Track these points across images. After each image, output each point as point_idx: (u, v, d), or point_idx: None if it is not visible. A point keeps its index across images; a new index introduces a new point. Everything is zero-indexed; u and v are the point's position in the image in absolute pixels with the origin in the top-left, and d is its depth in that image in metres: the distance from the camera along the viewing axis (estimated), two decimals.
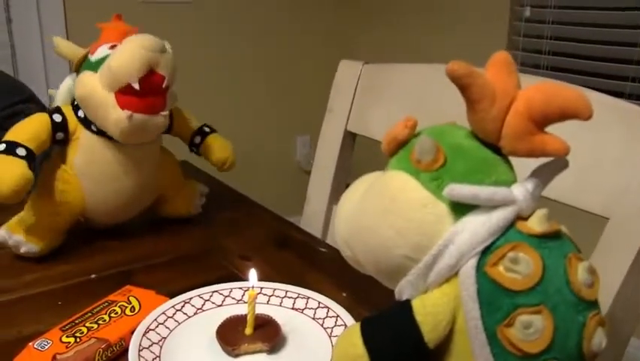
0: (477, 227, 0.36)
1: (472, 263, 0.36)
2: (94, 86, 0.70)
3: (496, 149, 0.41)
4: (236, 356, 0.55)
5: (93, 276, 0.70)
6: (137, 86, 0.67)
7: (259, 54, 2.33)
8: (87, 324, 0.57)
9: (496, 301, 0.36)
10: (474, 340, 0.35)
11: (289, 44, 2.39)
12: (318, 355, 0.55)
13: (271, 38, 2.34)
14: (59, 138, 0.73)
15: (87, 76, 0.71)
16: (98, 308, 0.60)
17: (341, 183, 0.93)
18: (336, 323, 0.58)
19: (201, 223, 0.85)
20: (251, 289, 0.56)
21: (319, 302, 0.61)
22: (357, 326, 0.39)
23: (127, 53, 0.67)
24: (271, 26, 2.33)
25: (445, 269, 0.37)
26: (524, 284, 0.35)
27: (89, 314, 0.59)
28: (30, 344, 0.54)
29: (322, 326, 0.59)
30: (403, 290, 0.40)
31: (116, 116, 0.68)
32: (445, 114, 0.48)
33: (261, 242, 0.81)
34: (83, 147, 0.74)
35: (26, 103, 1.08)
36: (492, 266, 0.36)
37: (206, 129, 0.86)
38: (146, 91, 0.69)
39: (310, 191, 0.95)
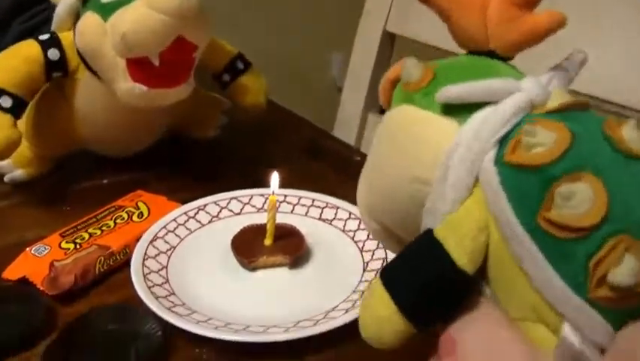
0: (486, 116, 0.31)
1: (489, 158, 0.30)
2: (100, 43, 0.52)
3: (491, 57, 0.35)
4: (254, 269, 0.48)
5: (105, 181, 0.64)
6: (156, 63, 0.51)
7: None
8: (90, 230, 0.51)
9: (526, 186, 0.28)
10: (514, 243, 0.28)
11: None
12: (348, 270, 0.48)
13: None
14: (56, 76, 0.57)
15: (92, 22, 0.52)
16: (104, 214, 0.54)
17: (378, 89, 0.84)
18: (368, 235, 0.51)
19: (225, 130, 0.77)
20: (271, 194, 0.49)
21: (350, 213, 0.54)
22: (378, 281, 0.32)
23: (144, 21, 0.49)
24: None
25: (460, 176, 0.30)
26: (551, 154, 0.27)
27: (94, 220, 0.53)
28: (27, 249, 0.49)
29: (353, 239, 0.52)
30: (425, 225, 0.33)
31: (126, 87, 0.52)
32: None
33: (290, 151, 0.73)
34: (85, 88, 0.59)
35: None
36: (511, 153, 0.29)
37: (240, 65, 0.68)
38: (169, 64, 0.52)
39: (345, 97, 0.86)
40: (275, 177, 0.51)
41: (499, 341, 0.29)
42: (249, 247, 0.49)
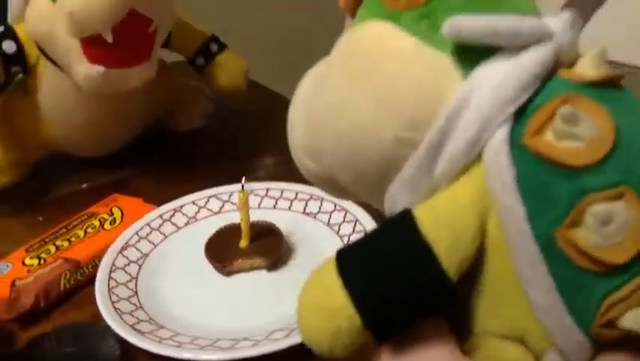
0: (502, 78, 0.22)
1: (501, 135, 0.22)
2: (51, 26, 0.49)
3: None
4: (229, 274, 0.44)
5: (84, 186, 0.61)
6: (109, 39, 0.47)
7: None
8: (57, 242, 0.48)
9: (549, 190, 0.21)
10: (520, 256, 0.22)
11: None
12: None
13: None
14: (15, 73, 0.55)
15: (41, 6, 0.49)
16: (75, 223, 0.51)
17: None
18: (354, 228, 0.47)
19: (214, 119, 0.73)
20: (241, 191, 0.45)
21: (335, 204, 0.49)
22: (332, 260, 0.24)
23: None
24: None
25: (460, 150, 0.22)
26: (591, 155, 0.20)
27: (64, 230, 0.50)
28: None
29: (338, 233, 0.47)
30: (396, 197, 0.25)
31: (84, 71, 0.49)
32: None
33: (280, 138, 0.69)
34: (48, 82, 0.56)
35: None
36: (534, 135, 0.21)
37: (213, 47, 0.65)
38: (124, 40, 0.48)
39: None
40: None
41: None
42: (223, 251, 0.45)
